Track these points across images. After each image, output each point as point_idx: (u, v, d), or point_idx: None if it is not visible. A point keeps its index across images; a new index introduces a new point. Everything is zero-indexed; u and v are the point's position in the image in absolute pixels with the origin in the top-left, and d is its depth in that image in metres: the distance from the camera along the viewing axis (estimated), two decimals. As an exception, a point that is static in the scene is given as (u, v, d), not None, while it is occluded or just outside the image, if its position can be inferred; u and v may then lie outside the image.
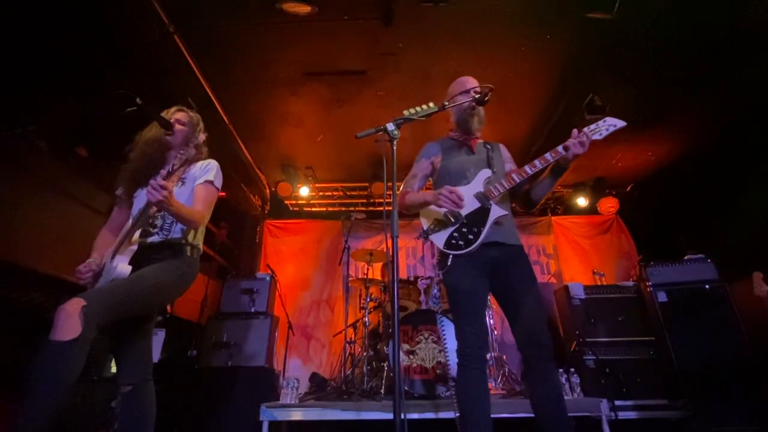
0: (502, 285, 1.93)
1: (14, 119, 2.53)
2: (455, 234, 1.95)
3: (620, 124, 1.90)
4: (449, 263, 1.94)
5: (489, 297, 2.86)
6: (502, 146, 2.26)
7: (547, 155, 1.89)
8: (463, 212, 1.96)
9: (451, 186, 1.96)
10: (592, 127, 1.91)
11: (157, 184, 1.59)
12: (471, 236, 1.92)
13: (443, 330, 3.19)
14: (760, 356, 3.22)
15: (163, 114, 2.04)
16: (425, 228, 2.03)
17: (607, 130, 1.89)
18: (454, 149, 2.18)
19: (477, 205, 1.98)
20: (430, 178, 2.24)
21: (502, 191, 1.97)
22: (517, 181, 1.96)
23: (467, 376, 1.81)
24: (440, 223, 1.99)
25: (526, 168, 1.95)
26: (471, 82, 2.16)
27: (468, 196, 1.98)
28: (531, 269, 1.96)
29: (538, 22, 3.12)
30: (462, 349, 1.84)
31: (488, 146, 2.16)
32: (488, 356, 3.37)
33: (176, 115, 2.07)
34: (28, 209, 2.31)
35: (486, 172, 2.05)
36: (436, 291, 3.94)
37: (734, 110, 3.92)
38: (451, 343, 3.05)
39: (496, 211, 1.96)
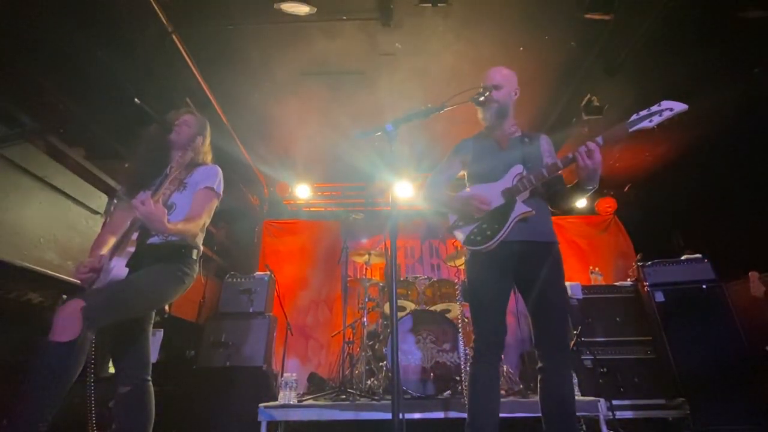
0: (528, 283, 1.87)
1: (13, 118, 2.52)
2: (475, 229, 1.92)
3: (679, 107, 1.64)
4: (468, 257, 1.97)
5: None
6: (543, 138, 2.11)
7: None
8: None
9: (479, 185, 1.98)
10: (642, 113, 1.70)
11: (138, 202, 1.57)
12: (489, 232, 1.87)
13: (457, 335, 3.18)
14: (757, 356, 3.24)
15: (172, 114, 2.04)
16: (451, 222, 2.02)
17: (661, 116, 1.66)
18: (484, 146, 2.11)
19: (501, 201, 1.92)
20: (464, 173, 2.17)
21: (529, 187, 1.88)
22: (546, 176, 1.85)
23: (479, 371, 1.80)
24: (465, 218, 1.97)
25: (558, 162, 1.82)
26: (488, 78, 2.10)
27: (495, 192, 1.93)
28: (560, 269, 1.87)
29: (537, 22, 3.13)
30: (475, 344, 1.83)
31: (526, 139, 2.05)
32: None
33: (184, 116, 2.07)
34: (25, 209, 2.30)
35: (517, 168, 1.94)
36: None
37: (731, 110, 3.94)
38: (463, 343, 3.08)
39: (520, 208, 1.88)
